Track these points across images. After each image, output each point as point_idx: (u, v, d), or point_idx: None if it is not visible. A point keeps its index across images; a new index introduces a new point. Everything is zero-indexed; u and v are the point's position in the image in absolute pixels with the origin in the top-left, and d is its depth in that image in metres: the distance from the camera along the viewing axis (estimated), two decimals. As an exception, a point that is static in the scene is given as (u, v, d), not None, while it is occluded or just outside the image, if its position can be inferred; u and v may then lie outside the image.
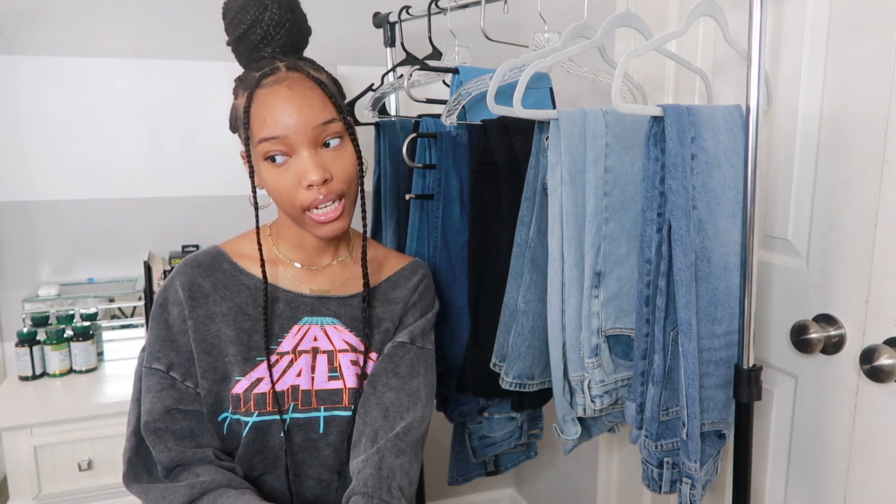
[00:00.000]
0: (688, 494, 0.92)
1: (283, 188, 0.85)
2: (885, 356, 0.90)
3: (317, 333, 0.94)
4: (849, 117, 0.97)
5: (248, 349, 0.90)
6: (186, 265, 0.92)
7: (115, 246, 1.74)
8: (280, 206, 0.88)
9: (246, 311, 0.91)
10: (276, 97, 0.83)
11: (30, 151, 1.65)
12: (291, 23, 0.90)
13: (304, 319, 0.94)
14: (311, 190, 0.84)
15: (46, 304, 1.62)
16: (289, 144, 0.83)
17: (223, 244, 0.97)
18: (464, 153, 1.15)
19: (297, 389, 0.90)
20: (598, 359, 0.97)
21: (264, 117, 0.83)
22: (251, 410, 0.88)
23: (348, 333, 0.95)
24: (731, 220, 0.91)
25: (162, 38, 1.71)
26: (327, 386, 0.92)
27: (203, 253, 0.95)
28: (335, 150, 0.86)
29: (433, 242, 1.18)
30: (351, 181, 0.87)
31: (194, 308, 0.89)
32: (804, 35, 1.03)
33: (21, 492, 1.41)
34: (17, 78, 1.62)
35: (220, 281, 0.92)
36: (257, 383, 0.89)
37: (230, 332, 0.89)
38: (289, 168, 0.84)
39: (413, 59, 1.33)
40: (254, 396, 0.88)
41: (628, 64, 0.85)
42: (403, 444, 0.87)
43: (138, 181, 1.74)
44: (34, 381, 1.54)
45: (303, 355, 0.92)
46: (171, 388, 0.88)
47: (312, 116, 0.83)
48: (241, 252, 0.96)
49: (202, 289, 0.91)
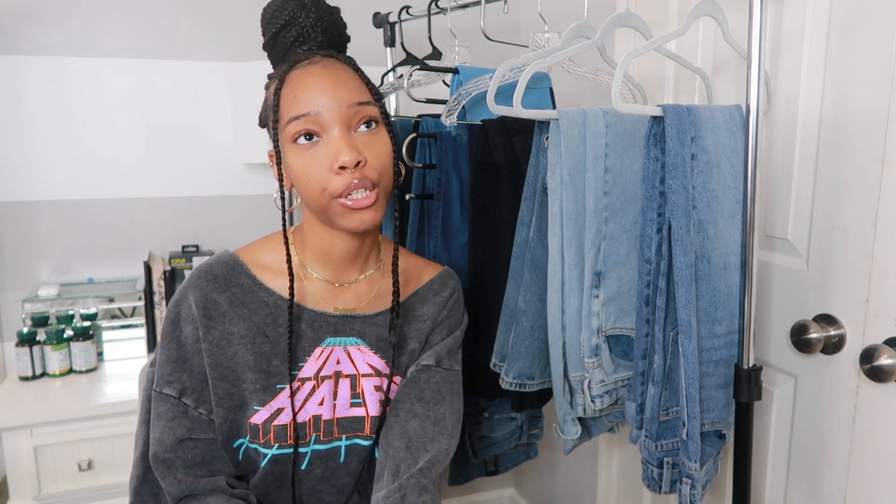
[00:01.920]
0: (688, 494, 0.92)
1: (311, 173, 0.77)
2: (885, 356, 0.90)
3: (340, 356, 0.87)
4: (849, 117, 0.97)
5: (267, 376, 0.83)
6: (201, 278, 0.84)
7: (115, 246, 1.74)
8: (306, 198, 0.79)
9: (265, 331, 0.84)
10: (308, 75, 0.78)
11: (30, 151, 1.65)
12: (328, 24, 0.86)
13: (327, 341, 0.87)
14: (343, 174, 0.76)
15: (46, 304, 1.62)
16: (319, 123, 0.77)
17: (240, 251, 0.88)
18: (464, 153, 1.15)
19: (318, 420, 0.85)
20: (598, 359, 0.97)
21: (295, 94, 0.77)
22: (271, 443, 0.82)
23: (372, 356, 0.89)
24: (731, 220, 0.91)
25: (162, 38, 1.71)
26: (349, 413, 0.86)
27: (219, 263, 0.85)
28: (370, 135, 0.79)
29: (433, 242, 1.18)
30: (385, 172, 0.79)
31: (209, 329, 0.82)
32: (804, 35, 1.03)
33: (21, 492, 1.41)
34: (17, 78, 1.62)
35: (237, 297, 0.84)
36: (277, 414, 0.82)
37: (248, 356, 0.82)
38: (318, 150, 0.77)
39: (413, 59, 1.33)
40: (274, 429, 0.82)
41: (628, 64, 0.85)
42: (426, 481, 0.82)
43: (138, 181, 1.74)
44: (34, 381, 1.54)
45: (325, 381, 0.86)
46: (183, 416, 0.82)
47: (347, 94, 0.77)
48: (261, 262, 0.87)
49: (218, 306, 0.83)
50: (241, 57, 1.78)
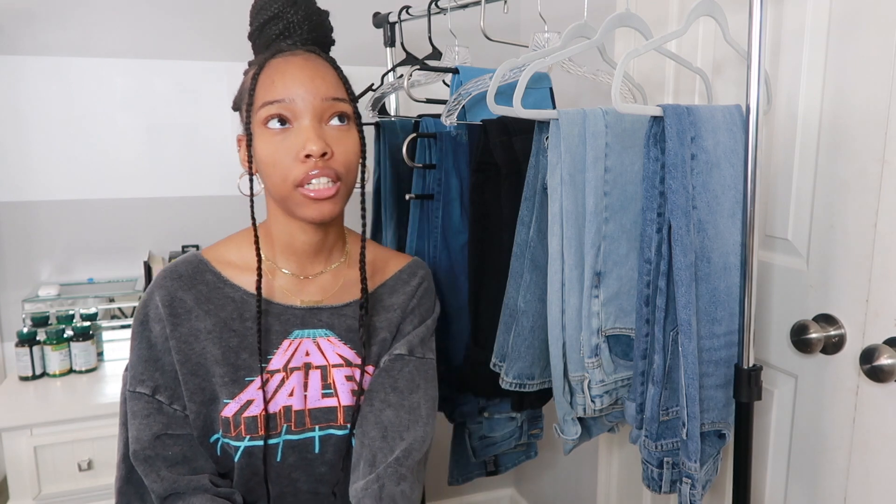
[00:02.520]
0: (688, 494, 0.92)
1: (277, 158, 0.79)
2: (885, 356, 0.90)
3: (309, 347, 0.88)
4: (849, 117, 0.97)
5: (235, 369, 0.84)
6: (166, 278, 0.86)
7: (115, 246, 1.74)
8: (269, 184, 0.81)
9: (231, 326, 0.85)
10: (289, 65, 0.81)
11: (30, 151, 1.65)
12: (315, 24, 0.88)
13: (294, 333, 0.88)
14: (308, 162, 0.78)
15: (46, 304, 1.62)
16: (293, 110, 0.79)
17: (205, 251, 0.90)
18: (464, 153, 1.15)
19: (289, 410, 0.85)
20: (598, 359, 0.97)
21: (273, 80, 0.79)
22: (242, 435, 0.83)
23: (342, 346, 0.90)
24: (731, 220, 0.91)
25: (162, 38, 1.71)
26: (321, 404, 0.87)
27: (183, 262, 0.88)
28: (340, 130, 0.81)
29: (433, 242, 1.18)
30: (350, 168, 0.82)
31: (176, 326, 0.84)
32: (804, 35, 1.03)
33: (21, 492, 1.41)
34: (17, 78, 1.62)
35: (202, 294, 0.86)
36: (247, 406, 0.83)
37: (216, 351, 0.84)
38: (287, 137, 0.79)
39: (413, 59, 1.33)
40: (244, 420, 0.83)
41: (628, 64, 0.85)
42: (404, 469, 0.82)
43: (138, 181, 1.74)
44: (34, 381, 1.54)
45: (294, 373, 0.87)
46: (158, 412, 0.83)
47: (323, 88, 0.80)
48: (226, 260, 0.89)
49: (184, 304, 0.84)
50: (240, 57, 1.77)
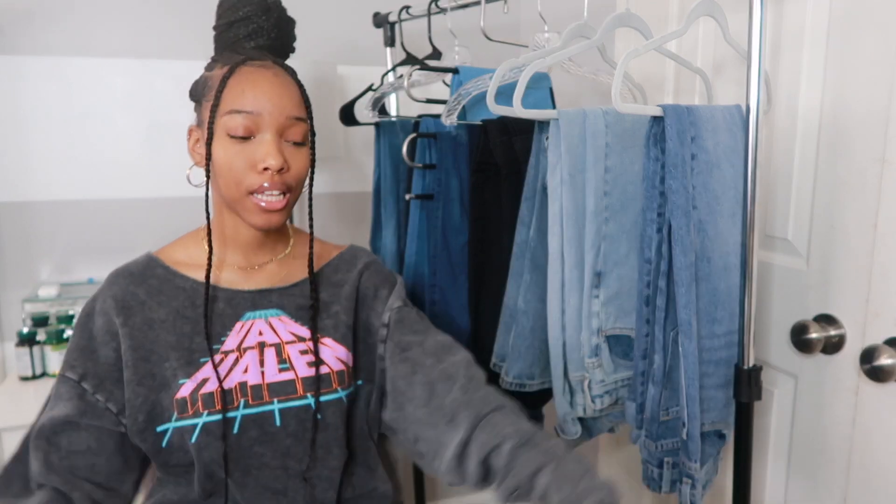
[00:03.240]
0: (688, 494, 0.92)
1: (234, 166, 0.83)
2: (885, 356, 0.90)
3: (261, 327, 0.92)
4: (849, 117, 0.97)
5: (190, 352, 0.87)
6: (118, 275, 0.90)
7: (115, 246, 1.74)
8: (222, 186, 0.85)
9: (184, 314, 0.89)
10: (261, 77, 0.84)
11: (30, 151, 1.65)
12: (282, 32, 0.92)
13: (246, 315, 0.92)
14: (264, 174, 0.83)
15: (46, 304, 1.62)
16: (258, 123, 0.83)
17: (156, 252, 0.95)
18: (464, 153, 1.15)
19: (245, 385, 0.88)
20: (599, 359, 0.97)
21: (244, 89, 0.83)
22: (199, 411, 0.85)
23: (294, 324, 0.93)
24: (731, 220, 0.91)
25: (162, 38, 1.71)
26: (279, 378, 0.90)
27: (133, 262, 0.92)
28: (296, 148, 0.86)
29: (433, 242, 1.18)
30: (300, 182, 0.88)
31: (129, 317, 0.87)
32: (804, 35, 1.03)
33: (21, 492, 1.41)
34: (17, 78, 1.62)
35: (153, 287, 0.90)
36: (203, 384, 0.86)
37: (170, 338, 0.87)
38: (246, 148, 0.83)
39: (413, 59, 1.33)
40: (201, 397, 0.85)
41: (628, 64, 0.85)
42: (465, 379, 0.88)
43: (138, 181, 1.74)
44: (34, 381, 1.54)
45: (248, 351, 0.90)
46: (79, 398, 0.85)
47: (290, 107, 0.85)
48: (175, 259, 0.93)
49: (136, 297, 0.88)
50: (241, 57, 1.77)
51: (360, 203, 1.91)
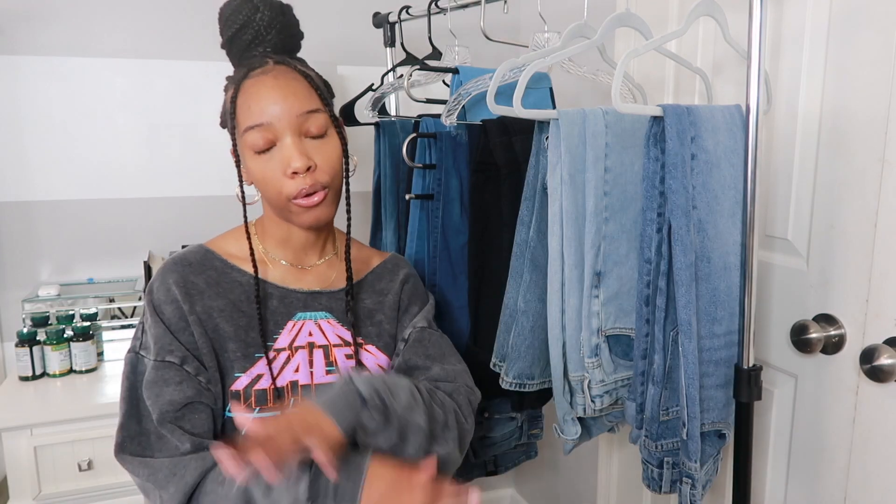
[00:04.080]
0: (688, 494, 0.92)
1: (268, 177, 0.85)
2: (885, 356, 0.90)
3: (311, 328, 0.94)
4: (849, 117, 0.97)
5: (246, 345, 0.89)
6: (177, 263, 0.91)
7: (115, 246, 1.74)
8: (266, 198, 0.89)
9: (241, 307, 0.91)
10: (261, 86, 0.85)
11: (30, 151, 1.65)
12: (282, 25, 0.92)
13: (298, 315, 0.94)
14: (296, 179, 0.84)
15: (46, 304, 1.61)
16: (273, 132, 0.84)
17: (208, 243, 0.96)
18: (464, 153, 1.15)
19: (296, 385, 0.90)
20: (598, 359, 0.97)
21: (249, 105, 0.85)
22: (252, 406, 0.88)
23: (341, 328, 0.95)
24: (731, 220, 0.91)
25: (162, 38, 1.71)
26: (326, 380, 0.92)
27: (191, 252, 0.94)
28: (320, 140, 0.87)
29: (433, 242, 1.18)
30: (335, 173, 0.88)
31: (193, 304, 0.88)
32: (804, 35, 1.03)
33: (21, 492, 1.41)
34: (17, 78, 1.62)
35: (212, 278, 0.91)
36: (257, 380, 0.88)
37: (228, 328, 0.89)
38: (273, 156, 0.85)
39: (413, 59, 1.33)
40: (255, 393, 0.88)
41: (628, 64, 0.85)
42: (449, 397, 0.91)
43: (138, 181, 1.74)
44: (34, 381, 1.54)
45: (299, 351, 0.92)
46: (189, 380, 0.85)
47: (297, 104, 0.85)
48: (228, 251, 0.95)
49: (196, 286, 0.90)
50: (241, 57, 1.77)
51: (360, 203, 1.90)
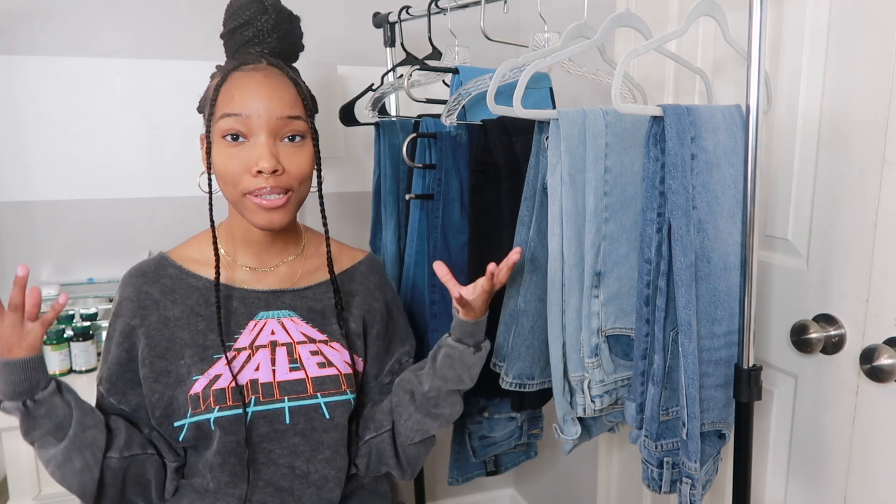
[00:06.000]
0: (688, 494, 0.92)
1: (230, 169, 0.84)
2: (885, 356, 0.90)
3: (274, 327, 0.94)
4: (849, 117, 0.97)
5: (203, 349, 0.89)
6: (131, 276, 0.92)
7: (115, 246, 1.74)
8: (223, 189, 0.88)
9: (198, 311, 0.91)
10: (250, 80, 0.85)
11: (30, 151, 1.65)
12: (285, 32, 0.93)
13: (259, 315, 0.94)
14: (258, 178, 0.84)
15: (46, 304, 1.61)
16: (249, 126, 0.84)
17: (169, 251, 0.97)
18: (464, 153, 1.15)
19: (256, 383, 0.90)
20: (598, 359, 0.97)
21: (233, 94, 0.84)
22: (211, 406, 0.87)
23: (305, 325, 0.95)
24: (731, 220, 0.91)
25: (162, 38, 1.71)
26: (289, 377, 0.92)
27: (145, 262, 0.95)
28: (294, 147, 0.87)
29: (433, 242, 1.18)
30: (304, 180, 0.88)
31: (146, 317, 0.89)
32: (804, 35, 1.03)
33: (21, 492, 1.41)
34: (16, 78, 1.61)
35: (167, 286, 0.92)
36: (216, 380, 0.88)
37: (185, 335, 0.89)
38: (241, 151, 0.84)
39: (413, 59, 1.33)
40: (213, 393, 0.88)
41: (628, 64, 0.85)
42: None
43: (138, 181, 1.74)
44: (34, 381, 1.53)
45: (260, 350, 0.92)
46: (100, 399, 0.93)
47: (280, 107, 0.85)
48: (188, 257, 0.95)
49: (150, 296, 0.91)
50: (240, 57, 1.77)
51: (360, 203, 1.91)
